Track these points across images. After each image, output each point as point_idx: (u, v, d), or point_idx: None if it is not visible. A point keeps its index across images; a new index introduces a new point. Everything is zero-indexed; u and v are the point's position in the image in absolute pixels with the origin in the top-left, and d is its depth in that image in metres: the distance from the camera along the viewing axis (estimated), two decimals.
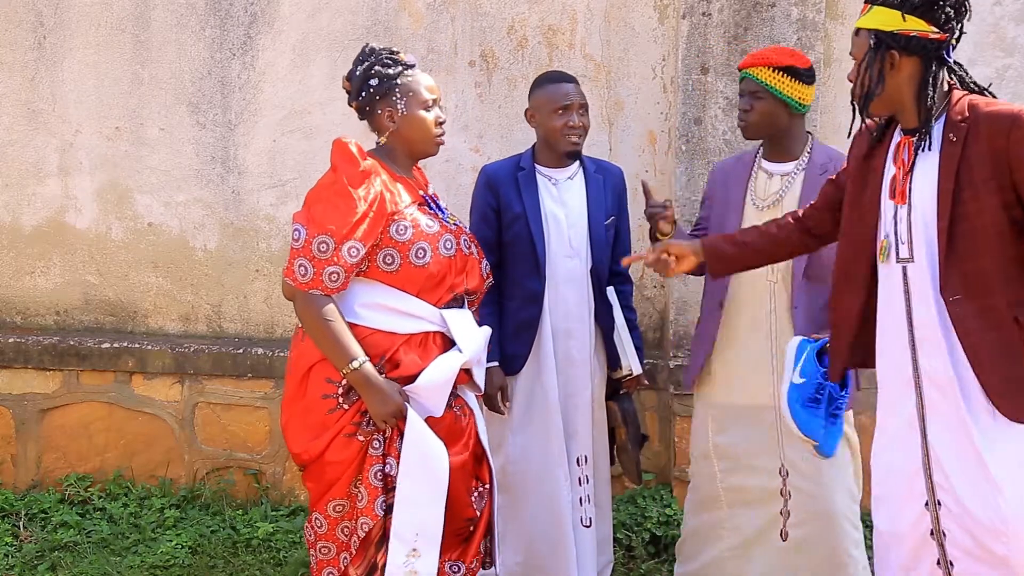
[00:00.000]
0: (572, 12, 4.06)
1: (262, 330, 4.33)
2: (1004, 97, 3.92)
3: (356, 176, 2.65)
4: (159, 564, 3.72)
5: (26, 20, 4.29)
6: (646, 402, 4.06)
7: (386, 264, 2.68)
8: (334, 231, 2.59)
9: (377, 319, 2.70)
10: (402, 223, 2.68)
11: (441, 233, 2.74)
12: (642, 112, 4.07)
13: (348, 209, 2.61)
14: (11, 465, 4.34)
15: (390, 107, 2.76)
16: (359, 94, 2.78)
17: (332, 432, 2.66)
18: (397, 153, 2.81)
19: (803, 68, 3.03)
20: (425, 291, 2.72)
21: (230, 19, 4.20)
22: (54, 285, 4.41)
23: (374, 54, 2.79)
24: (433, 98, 2.80)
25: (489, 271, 2.93)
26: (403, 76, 2.76)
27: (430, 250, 2.70)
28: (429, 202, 2.82)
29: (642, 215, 4.05)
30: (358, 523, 2.69)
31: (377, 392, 2.62)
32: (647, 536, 3.85)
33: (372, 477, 2.67)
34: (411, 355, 2.70)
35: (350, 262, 2.61)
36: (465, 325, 2.79)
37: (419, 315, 2.71)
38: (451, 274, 2.75)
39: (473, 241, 2.89)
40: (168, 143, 4.28)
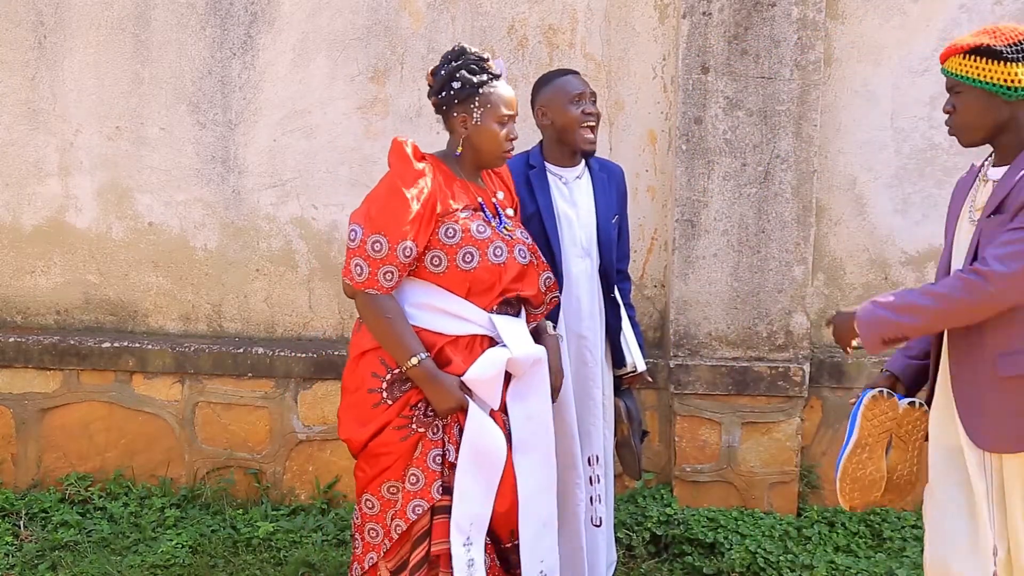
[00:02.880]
0: (572, 12, 4.06)
1: (262, 330, 4.34)
2: None
3: (409, 176, 2.69)
4: (159, 563, 3.72)
5: (26, 20, 4.29)
6: (646, 401, 4.06)
7: (433, 265, 2.73)
8: (388, 231, 2.65)
9: (425, 318, 2.75)
10: (451, 226, 2.72)
11: (492, 239, 2.74)
12: (642, 112, 4.07)
13: (402, 209, 2.66)
14: (11, 465, 4.34)
15: (466, 113, 2.78)
16: (439, 92, 2.81)
17: (379, 423, 2.74)
18: (463, 158, 2.83)
19: (1001, 44, 2.43)
20: (474, 294, 2.75)
21: (230, 18, 4.20)
22: (54, 285, 4.41)
23: (463, 56, 2.80)
24: (510, 114, 2.81)
25: (552, 283, 2.92)
26: (486, 86, 2.78)
27: (478, 255, 2.73)
28: (484, 208, 2.81)
29: (643, 215, 4.08)
30: (410, 505, 2.73)
31: (439, 386, 2.69)
32: (647, 536, 3.85)
33: (431, 461, 2.74)
34: (458, 356, 2.74)
35: (403, 261, 2.67)
36: (515, 331, 2.80)
37: (467, 317, 2.75)
38: (501, 280, 2.76)
39: (533, 252, 2.89)
40: (168, 143, 4.28)
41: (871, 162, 4.01)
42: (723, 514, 3.94)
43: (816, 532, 3.89)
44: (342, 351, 4.17)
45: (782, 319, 3.93)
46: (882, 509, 4.00)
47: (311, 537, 3.93)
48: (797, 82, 3.82)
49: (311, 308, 4.31)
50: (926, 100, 3.95)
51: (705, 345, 3.98)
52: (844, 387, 4.01)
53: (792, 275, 3.91)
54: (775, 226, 3.89)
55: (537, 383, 2.84)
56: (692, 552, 3.82)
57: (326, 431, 4.21)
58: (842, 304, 4.09)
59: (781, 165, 3.87)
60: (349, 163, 4.21)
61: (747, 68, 3.85)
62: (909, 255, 4.05)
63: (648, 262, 4.13)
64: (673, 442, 4.04)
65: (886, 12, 3.93)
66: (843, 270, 4.08)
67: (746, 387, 3.93)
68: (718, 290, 3.95)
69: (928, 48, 3.93)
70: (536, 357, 2.82)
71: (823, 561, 3.69)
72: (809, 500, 4.07)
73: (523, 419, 2.82)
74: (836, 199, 4.04)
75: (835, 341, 2.60)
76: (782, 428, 3.97)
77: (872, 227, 4.04)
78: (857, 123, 4.00)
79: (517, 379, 2.81)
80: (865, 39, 3.95)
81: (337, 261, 4.26)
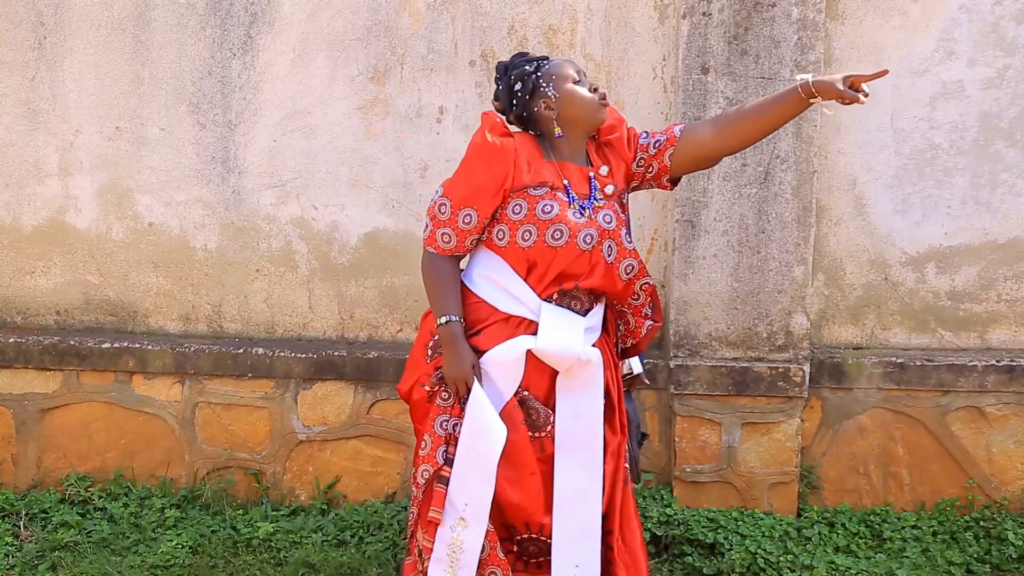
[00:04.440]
0: (572, 12, 4.06)
1: (262, 330, 4.34)
2: (1004, 97, 3.93)
3: (483, 150, 2.75)
4: (159, 564, 3.72)
5: (26, 20, 4.29)
6: (646, 402, 4.06)
7: (498, 239, 2.79)
8: (453, 197, 2.76)
9: (486, 290, 2.82)
10: (519, 202, 2.75)
11: (555, 221, 2.73)
12: (642, 112, 4.07)
13: (468, 178, 2.76)
14: (11, 465, 4.35)
15: (543, 98, 2.79)
16: (511, 105, 2.84)
17: (417, 375, 2.88)
18: (565, 137, 2.82)
19: None
20: (533, 276, 2.78)
21: (230, 19, 4.20)
22: (54, 285, 4.41)
23: (507, 65, 2.85)
24: (576, 71, 2.82)
25: (639, 270, 2.87)
26: (541, 68, 2.81)
27: (536, 234, 2.74)
28: (569, 189, 2.79)
29: (643, 215, 4.08)
30: (419, 470, 2.82)
31: (454, 353, 2.77)
32: (647, 536, 3.85)
33: (437, 426, 2.82)
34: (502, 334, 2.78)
35: (462, 228, 2.76)
36: (559, 324, 2.78)
37: (520, 298, 2.78)
38: (556, 265, 2.75)
39: (613, 237, 2.80)
40: (168, 143, 4.28)
41: (871, 162, 4.01)
42: (723, 514, 3.94)
43: (816, 532, 3.89)
44: (342, 351, 4.18)
45: (782, 319, 3.93)
46: (882, 509, 4.01)
47: (311, 537, 3.93)
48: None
49: (311, 308, 4.31)
50: (926, 100, 3.95)
51: (705, 345, 3.98)
52: (844, 387, 4.01)
53: (792, 275, 3.91)
54: (775, 226, 3.89)
55: (583, 383, 2.82)
56: (692, 552, 3.82)
57: (326, 431, 4.21)
58: (842, 305, 4.09)
59: (781, 165, 3.87)
60: (349, 163, 4.21)
61: (747, 68, 3.85)
62: (909, 255, 4.05)
63: (648, 262, 4.13)
64: (673, 442, 4.04)
65: (886, 12, 3.93)
66: (843, 270, 4.08)
67: (746, 387, 3.93)
68: (718, 290, 3.95)
69: (928, 48, 3.93)
70: (578, 356, 2.78)
71: (823, 561, 3.70)
72: (809, 500, 4.07)
73: (569, 417, 2.81)
74: (836, 199, 4.04)
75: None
76: (782, 428, 3.97)
77: (872, 227, 4.04)
78: (857, 123, 4.00)
79: (563, 375, 2.81)
80: (865, 39, 3.95)
81: (337, 261, 4.26)
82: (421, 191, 4.16)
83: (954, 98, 3.94)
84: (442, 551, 2.77)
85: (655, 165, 2.90)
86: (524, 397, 2.80)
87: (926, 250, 4.04)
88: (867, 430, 4.05)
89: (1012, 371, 3.94)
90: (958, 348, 4.09)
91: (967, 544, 3.84)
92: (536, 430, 2.80)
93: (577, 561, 2.82)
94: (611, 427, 2.92)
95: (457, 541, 2.75)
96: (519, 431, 2.78)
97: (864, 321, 4.10)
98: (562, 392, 2.81)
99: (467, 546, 2.75)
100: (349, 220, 4.24)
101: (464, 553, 2.75)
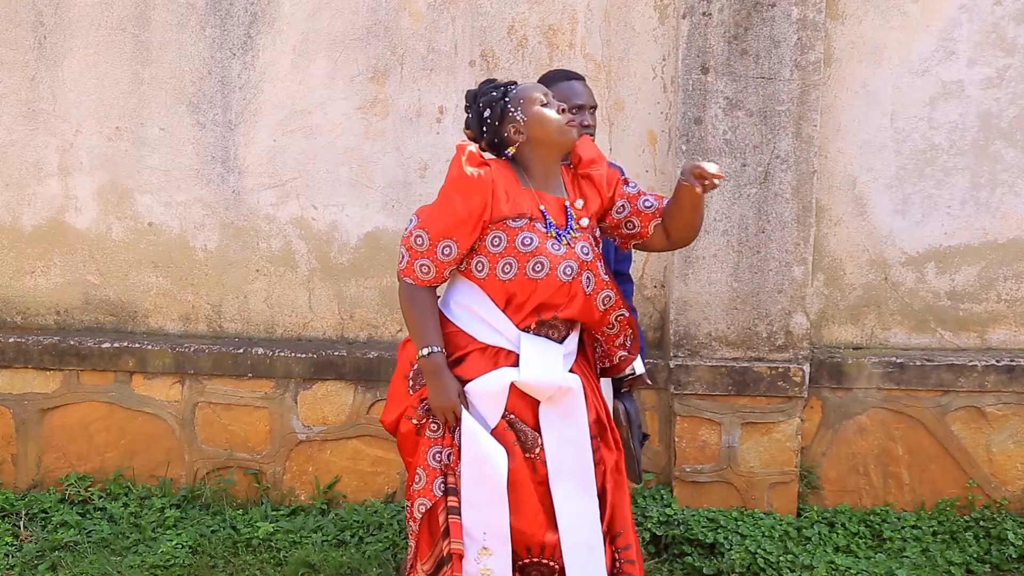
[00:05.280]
0: (572, 12, 4.06)
1: (262, 330, 4.34)
2: (1004, 97, 3.94)
3: (459, 181, 2.73)
4: (159, 564, 3.72)
5: (26, 20, 4.29)
6: (646, 402, 4.06)
7: (477, 271, 2.78)
8: (431, 229, 2.74)
9: (464, 319, 2.81)
10: (499, 234, 2.74)
11: (535, 254, 2.72)
12: (642, 112, 4.07)
13: (447, 211, 2.73)
14: (11, 465, 4.35)
15: (512, 123, 2.78)
16: (482, 132, 2.83)
17: (401, 408, 2.87)
18: (535, 162, 2.81)
19: None
20: (512, 307, 2.77)
21: (230, 19, 4.20)
22: (54, 285, 4.41)
23: (476, 93, 2.85)
24: (543, 93, 2.80)
25: (615, 302, 2.87)
26: (509, 93, 2.80)
27: (516, 267, 2.73)
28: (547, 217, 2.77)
29: None
30: (415, 504, 2.80)
31: (439, 383, 2.76)
32: (647, 536, 3.85)
33: (431, 459, 2.80)
34: (481, 364, 2.77)
35: (442, 259, 2.75)
36: (538, 354, 2.77)
37: (498, 329, 2.78)
38: (536, 296, 2.74)
39: (592, 271, 2.80)
40: (168, 143, 4.28)
41: (871, 162, 4.01)
42: (723, 514, 3.94)
43: (816, 532, 3.89)
44: (342, 351, 4.18)
45: (782, 319, 3.93)
46: (882, 509, 4.01)
47: (311, 537, 3.93)
48: (797, 82, 3.82)
49: (311, 308, 4.31)
50: (926, 100, 3.95)
51: (705, 345, 3.98)
52: (844, 387, 4.01)
53: (792, 275, 3.91)
54: (775, 226, 3.89)
55: (567, 411, 2.81)
56: (692, 552, 3.82)
57: (326, 431, 4.21)
58: (842, 305, 4.09)
59: (781, 165, 3.87)
60: (349, 163, 4.21)
61: (747, 68, 3.85)
62: (909, 255, 4.05)
63: (648, 262, 4.13)
64: (673, 442, 4.04)
65: (886, 12, 3.93)
66: (843, 270, 4.08)
67: (746, 387, 3.93)
68: (718, 290, 3.95)
69: (928, 48, 3.93)
70: (559, 386, 2.78)
71: (823, 561, 3.70)
72: (809, 500, 4.07)
73: (557, 444, 2.81)
74: (836, 199, 4.04)
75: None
76: (782, 428, 3.97)
77: (872, 227, 4.04)
78: (857, 123, 4.00)
79: (546, 404, 2.80)
80: (865, 39, 3.95)
81: (337, 261, 4.26)
82: (421, 191, 4.16)
83: (954, 98, 3.94)
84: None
85: (636, 224, 2.90)
86: (512, 420, 2.80)
87: (926, 250, 4.04)
88: (867, 430, 4.05)
89: (1012, 371, 3.94)
90: (958, 348, 4.09)
91: (967, 544, 3.84)
92: (527, 451, 2.80)
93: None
94: (607, 445, 2.93)
95: (487, 572, 2.74)
96: (513, 453, 2.77)
97: (864, 321, 4.10)
98: (546, 420, 2.81)
99: (497, 573, 2.74)
100: (349, 220, 4.24)
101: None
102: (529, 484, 2.79)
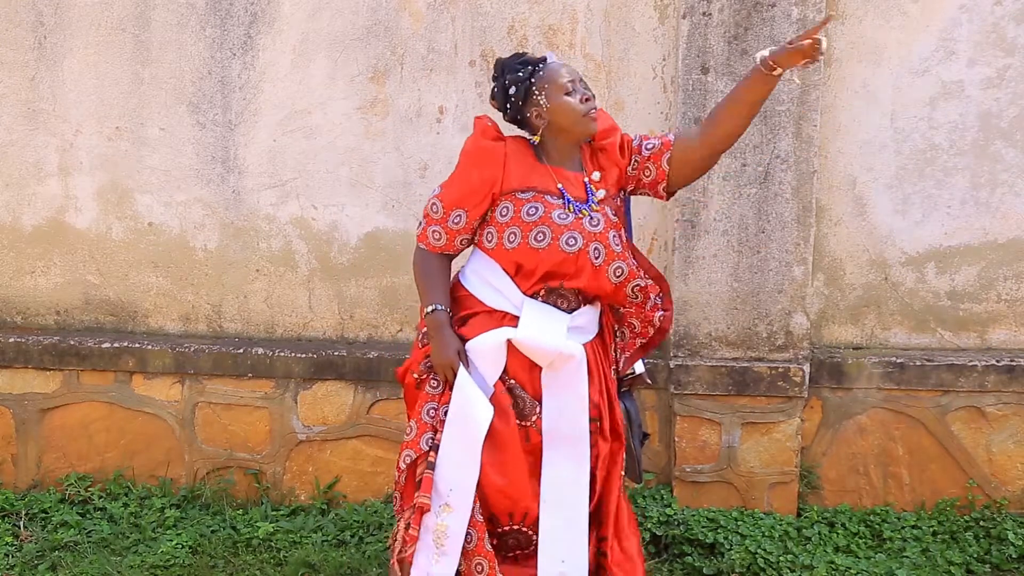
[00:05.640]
0: (572, 12, 4.06)
1: (262, 330, 4.34)
2: (1004, 97, 3.93)
3: (473, 153, 2.85)
4: (159, 564, 3.72)
5: (26, 20, 4.29)
6: (646, 402, 4.06)
7: (487, 240, 2.87)
8: (445, 198, 2.87)
9: (474, 284, 2.91)
10: (507, 205, 2.83)
11: (538, 223, 2.79)
12: (642, 112, 4.07)
13: (461, 181, 2.85)
14: (11, 465, 4.35)
15: (535, 107, 2.84)
16: (505, 108, 2.90)
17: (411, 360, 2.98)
18: (555, 144, 2.87)
19: None
20: (521, 275, 2.84)
21: (230, 19, 4.20)
22: (54, 285, 4.41)
23: (504, 65, 2.89)
24: (570, 79, 2.83)
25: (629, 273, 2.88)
26: (536, 74, 2.84)
27: (520, 237, 2.80)
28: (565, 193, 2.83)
29: (643, 215, 4.08)
30: (402, 455, 2.88)
31: (440, 340, 2.86)
32: (647, 536, 3.85)
33: (424, 414, 2.88)
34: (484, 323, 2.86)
35: (452, 227, 2.87)
36: (539, 316, 2.84)
37: (504, 293, 2.86)
38: (542, 265, 2.80)
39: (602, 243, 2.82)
40: (168, 143, 4.28)
41: (871, 162, 4.01)
42: (723, 514, 3.94)
43: (816, 532, 3.89)
44: (342, 351, 4.18)
45: (782, 319, 3.93)
46: (882, 509, 4.01)
47: (311, 537, 3.93)
48: (797, 82, 3.82)
49: (311, 308, 4.31)
50: (926, 100, 3.95)
51: (705, 345, 3.98)
52: (844, 387, 4.01)
53: (792, 275, 3.91)
54: (775, 226, 3.89)
55: (568, 379, 2.86)
56: (692, 552, 3.82)
57: (326, 431, 4.21)
58: (842, 305, 4.10)
59: (781, 165, 3.87)
60: (349, 163, 4.21)
61: (747, 68, 3.84)
62: (909, 255, 4.05)
63: None
64: (673, 442, 4.04)
65: (886, 12, 3.93)
66: (843, 270, 4.08)
67: (746, 387, 3.93)
68: (718, 290, 3.95)
69: (928, 48, 3.93)
70: (560, 351, 2.82)
71: (823, 561, 3.70)
72: (809, 500, 4.07)
73: (555, 412, 2.86)
74: (836, 199, 4.04)
75: None
76: (782, 428, 3.97)
77: (872, 227, 4.04)
78: (857, 123, 4.00)
79: (547, 371, 2.85)
80: (865, 39, 3.95)
81: (337, 261, 4.26)
82: (421, 191, 4.16)
83: (954, 98, 3.94)
84: (428, 539, 2.80)
85: (652, 169, 2.93)
86: (512, 385, 2.85)
87: (926, 250, 4.04)
88: (867, 430, 4.05)
89: (1012, 371, 3.94)
90: (958, 348, 4.09)
91: (967, 544, 3.84)
92: (522, 419, 2.85)
93: (563, 557, 2.83)
94: (603, 435, 2.94)
95: (442, 527, 2.78)
96: (507, 416, 2.82)
97: (864, 321, 4.10)
98: (547, 388, 2.86)
99: (452, 531, 2.78)
100: (349, 220, 4.24)
101: (449, 539, 2.78)
102: (518, 449, 2.83)
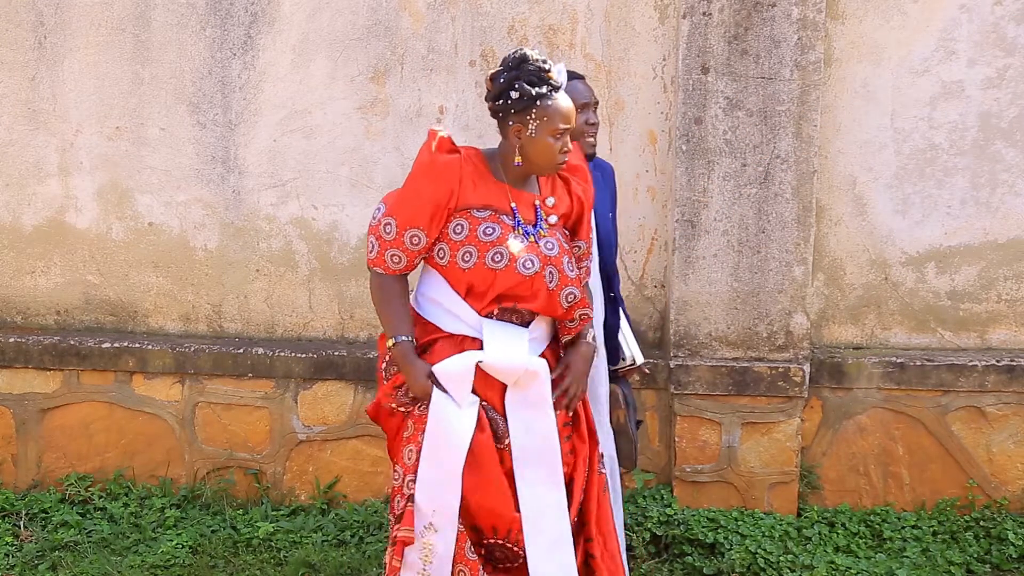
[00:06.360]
0: (572, 12, 4.06)
1: (263, 330, 4.34)
2: (1004, 97, 3.93)
3: (429, 167, 2.72)
4: (160, 564, 3.72)
5: (26, 20, 4.29)
6: (646, 402, 4.06)
7: (439, 258, 2.77)
8: (399, 217, 2.72)
9: (430, 310, 2.82)
10: (461, 222, 2.72)
11: (495, 244, 2.70)
12: (642, 112, 4.07)
13: (413, 197, 2.72)
14: (11, 465, 4.35)
15: (521, 124, 2.71)
16: (497, 99, 2.74)
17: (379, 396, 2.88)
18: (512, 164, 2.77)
19: None
20: (473, 295, 2.75)
21: (230, 19, 4.20)
22: (54, 285, 4.41)
23: (524, 65, 2.71)
24: (565, 127, 2.72)
25: (579, 300, 2.83)
26: (544, 99, 2.69)
27: (476, 256, 2.71)
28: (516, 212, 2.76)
29: (643, 215, 4.08)
30: (394, 501, 2.81)
31: (410, 369, 2.76)
32: (647, 536, 3.85)
33: (405, 456, 2.80)
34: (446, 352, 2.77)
35: (411, 248, 2.74)
36: (502, 338, 2.75)
37: (460, 316, 2.77)
38: (494, 286, 2.72)
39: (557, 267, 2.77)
40: (168, 143, 4.28)
41: (871, 162, 4.01)
42: (723, 514, 3.94)
43: (816, 532, 3.89)
44: (342, 351, 4.18)
45: (782, 319, 3.93)
46: (882, 509, 4.01)
47: (311, 537, 3.93)
48: (797, 82, 3.82)
49: (311, 308, 4.31)
50: (926, 100, 3.95)
51: (705, 345, 3.98)
52: (844, 387, 4.01)
53: (792, 275, 3.91)
54: (775, 226, 3.89)
55: (533, 397, 2.78)
56: (692, 552, 3.82)
57: (326, 431, 4.21)
58: (842, 304, 4.10)
59: (781, 165, 3.87)
60: (349, 163, 4.21)
61: (747, 68, 3.85)
62: (909, 255, 4.05)
63: (648, 262, 4.13)
64: (673, 442, 4.04)
65: (886, 12, 3.93)
66: (843, 270, 4.08)
67: (746, 387, 3.93)
68: (718, 290, 3.95)
69: (928, 48, 3.93)
70: (525, 369, 2.75)
71: (823, 561, 3.70)
72: (809, 500, 4.07)
73: (523, 430, 2.78)
74: (836, 199, 4.04)
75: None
76: (782, 428, 3.97)
77: (872, 227, 4.04)
78: (857, 123, 4.00)
79: (512, 389, 2.78)
80: (865, 39, 3.95)
81: (337, 261, 4.26)
82: None
83: (954, 98, 3.94)
84: (414, 556, 2.74)
85: None
86: (486, 407, 2.78)
87: (926, 250, 4.04)
88: (867, 430, 4.05)
89: (1012, 371, 3.94)
90: (958, 348, 4.09)
91: (967, 544, 3.84)
92: (498, 440, 2.77)
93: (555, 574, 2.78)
94: (579, 436, 2.90)
95: (428, 545, 2.72)
96: (485, 432, 2.76)
97: (864, 321, 4.10)
98: (512, 407, 2.78)
99: (438, 551, 2.72)
100: (349, 220, 4.24)
101: (436, 557, 2.72)
102: (496, 464, 2.76)
